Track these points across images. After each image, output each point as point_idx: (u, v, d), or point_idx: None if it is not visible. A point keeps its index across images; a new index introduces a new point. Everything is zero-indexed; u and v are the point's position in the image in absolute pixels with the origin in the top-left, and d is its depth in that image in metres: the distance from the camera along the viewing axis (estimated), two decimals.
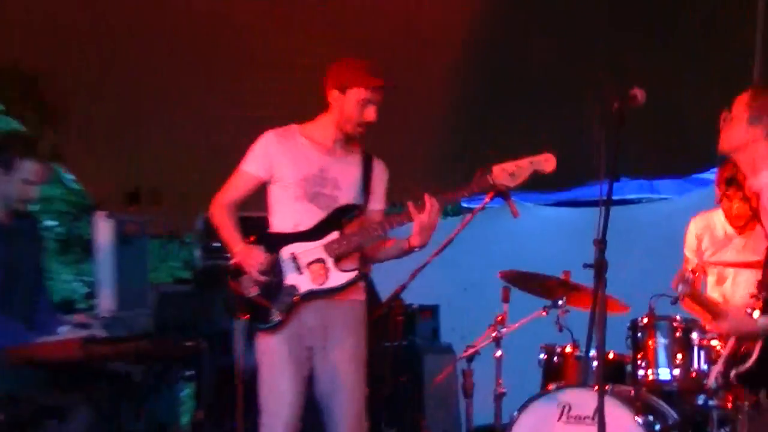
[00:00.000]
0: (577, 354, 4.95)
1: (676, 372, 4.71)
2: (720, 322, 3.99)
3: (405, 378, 6.05)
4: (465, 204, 7.11)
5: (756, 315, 3.64)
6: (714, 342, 4.66)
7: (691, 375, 4.68)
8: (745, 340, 3.71)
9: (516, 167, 4.12)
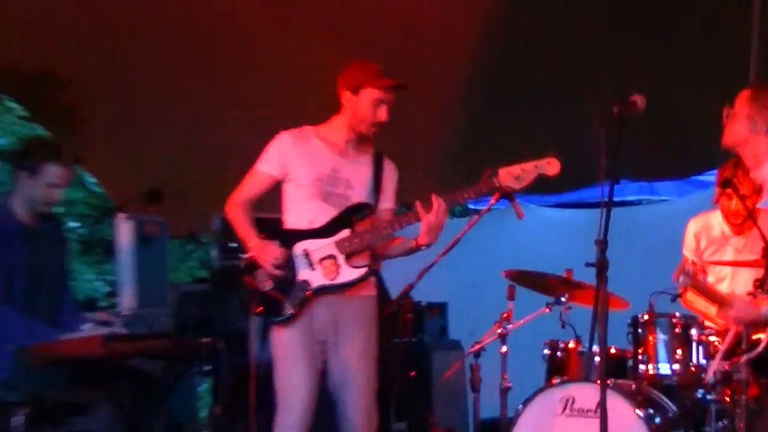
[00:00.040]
0: (580, 349, 4.97)
1: (675, 367, 4.72)
2: (726, 310, 4.00)
3: (414, 374, 6.04)
4: (471, 206, 7.09)
5: None
6: (712, 338, 4.69)
7: (690, 370, 4.69)
8: (753, 327, 3.73)
9: (521, 170, 4.11)
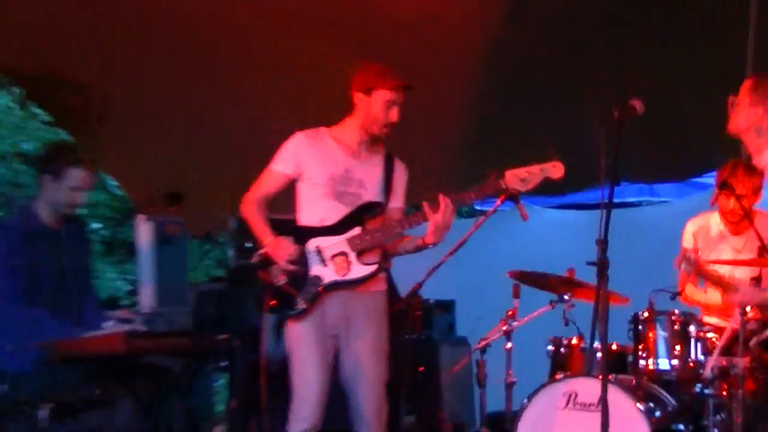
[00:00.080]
0: (583, 345, 4.98)
1: (674, 362, 4.73)
2: (731, 294, 4.02)
3: (423, 369, 6.03)
4: (478, 207, 7.08)
5: None
6: (710, 334, 4.69)
7: (689, 365, 4.70)
8: (761, 309, 3.76)
9: (527, 173, 4.11)
